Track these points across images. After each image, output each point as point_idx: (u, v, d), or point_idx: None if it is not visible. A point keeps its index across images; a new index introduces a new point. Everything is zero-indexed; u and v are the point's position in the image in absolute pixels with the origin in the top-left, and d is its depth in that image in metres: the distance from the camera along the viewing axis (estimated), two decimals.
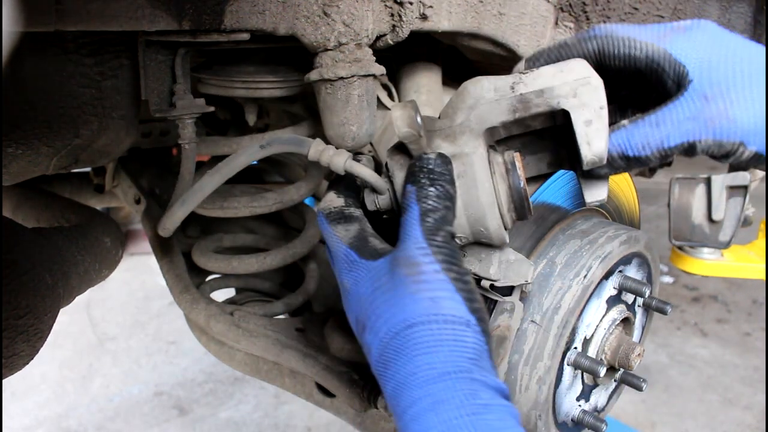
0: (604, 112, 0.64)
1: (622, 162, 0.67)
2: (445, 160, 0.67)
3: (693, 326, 3.68)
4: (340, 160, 0.81)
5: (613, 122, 0.68)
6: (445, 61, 1.39)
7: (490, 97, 0.65)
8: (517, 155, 0.70)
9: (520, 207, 0.70)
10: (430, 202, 0.63)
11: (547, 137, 0.74)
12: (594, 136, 0.64)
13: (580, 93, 0.63)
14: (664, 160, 0.67)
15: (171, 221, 1.07)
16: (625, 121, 0.67)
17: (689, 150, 0.65)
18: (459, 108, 0.67)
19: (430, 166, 0.65)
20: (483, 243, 0.75)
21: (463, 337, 0.57)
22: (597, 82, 0.64)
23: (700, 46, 0.64)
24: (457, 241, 0.72)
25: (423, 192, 0.64)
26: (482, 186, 0.67)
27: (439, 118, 0.70)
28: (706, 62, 0.63)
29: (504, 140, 0.73)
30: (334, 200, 0.78)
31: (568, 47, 0.71)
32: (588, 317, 0.92)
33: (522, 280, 0.83)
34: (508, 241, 0.73)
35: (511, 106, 0.65)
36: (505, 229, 0.71)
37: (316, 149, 0.87)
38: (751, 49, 0.64)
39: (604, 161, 0.65)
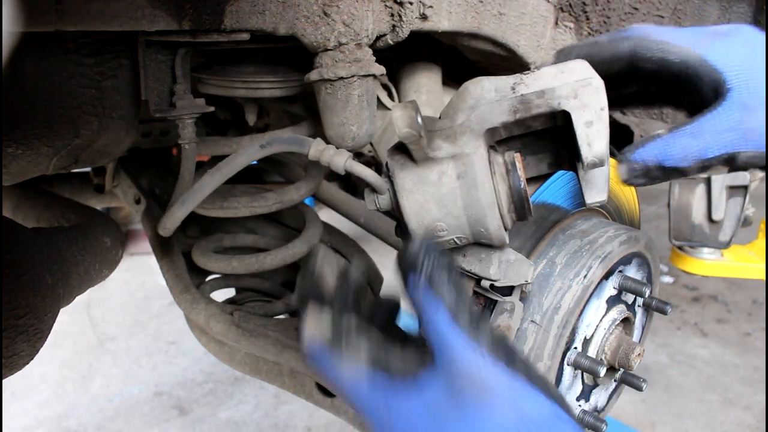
0: (605, 114, 0.64)
1: (659, 173, 0.65)
2: (429, 238, 0.59)
3: (693, 326, 3.68)
4: (340, 160, 0.81)
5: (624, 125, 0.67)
6: (445, 61, 1.39)
7: (491, 97, 0.65)
8: (517, 156, 0.70)
9: (521, 208, 0.70)
10: (452, 296, 0.55)
11: (548, 138, 0.73)
12: (594, 138, 0.64)
13: (581, 94, 0.63)
14: (704, 171, 0.64)
15: (171, 221, 1.07)
16: (661, 131, 0.65)
17: (730, 161, 0.62)
18: (460, 108, 0.67)
19: (428, 252, 0.57)
20: (483, 243, 0.75)
21: None
22: (598, 83, 0.64)
23: (738, 53, 0.62)
24: (457, 241, 0.72)
25: (439, 288, 0.55)
26: (483, 186, 0.67)
27: (439, 118, 0.70)
28: (745, 70, 0.61)
29: (504, 141, 0.73)
30: (319, 324, 0.60)
31: (600, 45, 0.69)
32: (588, 317, 0.91)
33: (522, 280, 0.83)
34: (508, 241, 0.73)
35: (512, 107, 0.65)
36: (506, 229, 0.71)
37: (316, 149, 0.87)
38: None
39: (605, 162, 0.65)
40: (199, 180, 1.00)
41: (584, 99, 0.63)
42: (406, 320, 0.66)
